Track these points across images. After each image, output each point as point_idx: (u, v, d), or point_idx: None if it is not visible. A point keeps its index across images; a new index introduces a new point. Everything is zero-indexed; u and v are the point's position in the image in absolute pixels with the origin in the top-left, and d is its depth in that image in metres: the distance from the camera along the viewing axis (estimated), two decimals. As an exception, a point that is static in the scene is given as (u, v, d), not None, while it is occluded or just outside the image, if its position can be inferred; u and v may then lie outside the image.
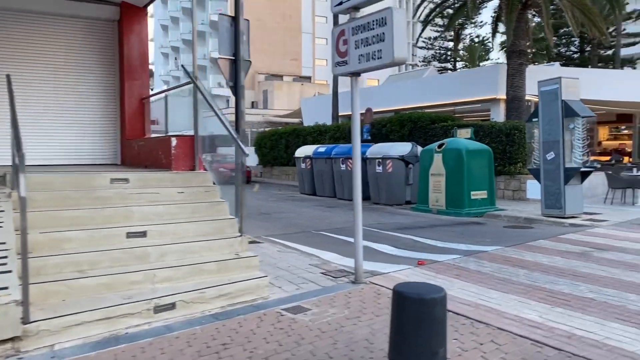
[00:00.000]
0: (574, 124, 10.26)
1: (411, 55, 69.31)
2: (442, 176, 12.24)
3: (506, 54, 16.86)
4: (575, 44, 43.98)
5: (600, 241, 7.88)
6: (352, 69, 5.27)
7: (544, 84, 10.70)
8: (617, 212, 11.28)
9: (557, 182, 10.45)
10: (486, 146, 12.41)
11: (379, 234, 8.98)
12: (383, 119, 18.25)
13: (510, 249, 7.34)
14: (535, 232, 9.16)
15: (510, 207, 12.48)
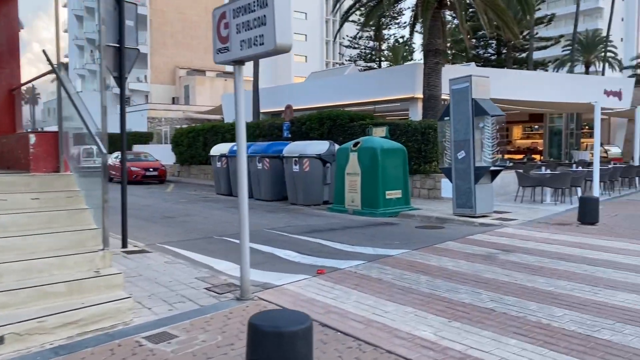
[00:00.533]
0: (483, 123, 10.20)
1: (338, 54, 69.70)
2: (357, 176, 11.89)
3: (423, 53, 16.88)
4: (492, 47, 45.74)
5: (507, 242, 7.76)
6: (234, 56, 4.65)
7: (455, 82, 10.59)
8: (526, 210, 11.41)
9: (467, 181, 10.36)
10: (401, 145, 12.20)
11: (285, 239, 8.42)
12: (302, 117, 17.74)
13: (417, 253, 7.00)
14: (446, 232, 8.96)
15: (425, 206, 12.35)
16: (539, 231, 8.73)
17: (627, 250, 7.04)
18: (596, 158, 13.99)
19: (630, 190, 15.99)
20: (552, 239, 7.93)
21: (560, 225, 9.32)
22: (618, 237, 8.10)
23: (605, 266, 6.12)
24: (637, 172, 16.39)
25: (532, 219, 10.06)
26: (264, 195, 15.12)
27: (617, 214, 10.86)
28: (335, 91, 21.29)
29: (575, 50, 50.61)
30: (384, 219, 10.94)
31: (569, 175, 12.29)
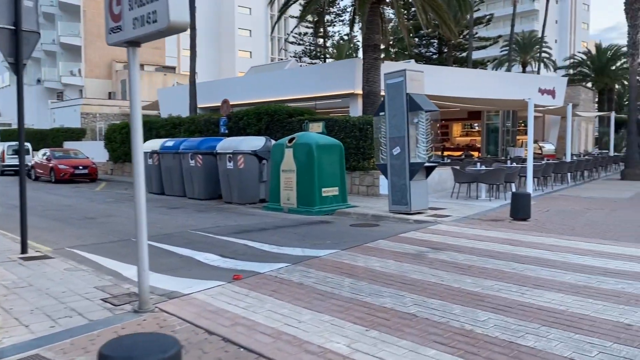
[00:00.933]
0: (418, 119, 10.01)
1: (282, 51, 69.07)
2: (293, 172, 11.46)
3: (362, 49, 16.65)
4: (434, 46, 46.51)
5: (439, 239, 7.55)
6: (126, 36, 4.09)
7: (389, 76, 10.35)
8: (461, 206, 11.35)
9: (403, 177, 10.15)
10: (337, 141, 11.86)
11: (210, 240, 7.87)
12: (240, 112, 17.14)
13: (346, 253, 6.65)
14: (380, 230, 8.68)
15: (362, 203, 12.09)
16: (471, 228, 8.60)
17: (556, 247, 6.97)
18: (530, 154, 14.19)
19: (563, 186, 16.40)
20: (483, 236, 7.80)
21: (493, 222, 9.25)
22: (548, 233, 8.07)
23: (534, 264, 5.97)
24: (568, 168, 16.85)
25: (466, 215, 9.97)
26: (197, 194, 14.44)
27: (549, 209, 10.97)
28: (276, 86, 20.78)
29: (512, 50, 52.35)
30: (320, 217, 10.58)
31: (502, 171, 12.36)
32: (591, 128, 34.22)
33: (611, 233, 8.08)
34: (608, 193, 14.34)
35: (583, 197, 13.20)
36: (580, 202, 12.09)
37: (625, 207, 11.37)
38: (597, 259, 6.18)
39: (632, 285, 5.00)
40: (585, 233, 8.08)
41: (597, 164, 20.30)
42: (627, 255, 6.43)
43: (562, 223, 9.08)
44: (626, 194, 13.97)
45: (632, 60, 18.99)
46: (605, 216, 9.94)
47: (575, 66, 45.42)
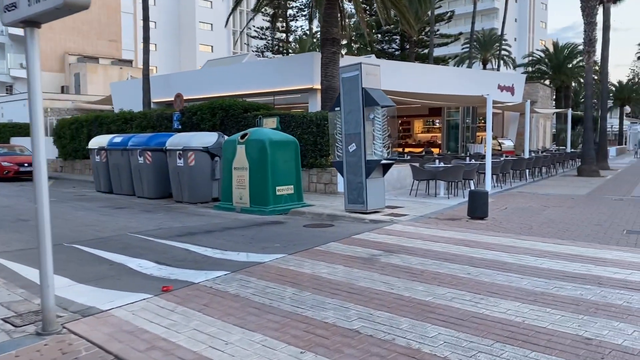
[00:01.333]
0: (374, 114, 9.63)
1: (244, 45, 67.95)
2: (245, 170, 10.92)
3: (320, 42, 16.19)
4: (396, 42, 46.55)
5: (393, 241, 7.17)
6: (22, 14, 3.49)
7: (345, 70, 9.93)
8: (419, 204, 11.06)
9: (359, 175, 9.76)
10: (292, 137, 11.37)
11: (149, 245, 7.27)
12: (193, 107, 16.44)
13: (292, 258, 6.19)
14: (333, 232, 8.26)
15: (319, 202, 11.66)
16: (427, 228, 8.28)
17: (513, 248, 6.70)
18: (488, 151, 14.08)
19: (521, 183, 16.40)
20: (439, 237, 7.47)
21: (450, 221, 8.96)
22: (506, 233, 7.82)
23: (490, 267, 5.65)
24: (527, 164, 16.87)
25: (423, 214, 9.66)
26: (147, 193, 13.71)
27: (507, 206, 10.79)
28: (233, 80, 20.10)
29: (473, 48, 52.97)
30: (273, 218, 10.09)
31: (461, 168, 12.14)
32: (549, 125, 34.84)
33: (569, 232, 7.89)
34: (565, 190, 14.36)
35: (541, 194, 13.14)
36: (538, 199, 11.99)
37: (582, 203, 11.32)
38: (555, 262, 5.92)
39: (590, 291, 4.72)
40: (543, 232, 7.86)
41: (555, 160, 20.49)
42: (585, 257, 6.19)
43: (519, 222, 8.87)
44: (583, 191, 14.00)
45: (588, 57, 19.20)
46: (562, 214, 9.80)
47: (534, 64, 46.27)
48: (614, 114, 61.03)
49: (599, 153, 23.58)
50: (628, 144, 58.45)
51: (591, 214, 9.74)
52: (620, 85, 55.61)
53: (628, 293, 4.66)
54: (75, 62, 42.07)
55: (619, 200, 11.88)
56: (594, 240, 7.27)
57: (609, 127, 63.74)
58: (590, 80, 19.45)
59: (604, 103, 23.98)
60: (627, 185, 15.86)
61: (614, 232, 7.92)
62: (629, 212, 10.09)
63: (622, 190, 14.37)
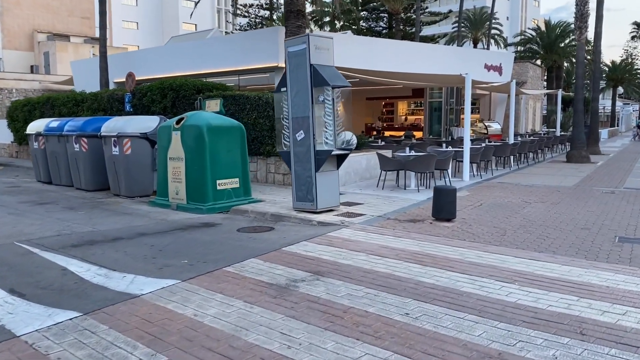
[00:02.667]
0: (324, 96, 8.13)
1: (227, 23, 65.74)
2: (181, 161, 9.43)
3: (284, 15, 14.58)
4: (384, 20, 44.75)
5: (330, 256, 5.75)
6: None
7: (291, 43, 8.39)
8: (382, 200, 9.64)
9: (308, 168, 8.30)
10: (237, 122, 9.85)
11: (24, 259, 5.80)
12: (143, 87, 14.84)
13: (185, 286, 4.75)
14: (267, 239, 6.83)
15: (271, 196, 10.22)
16: (380, 234, 6.86)
17: (476, 267, 5.30)
18: (466, 137, 12.65)
19: (504, 171, 15.02)
20: (389, 248, 6.06)
21: (410, 223, 7.55)
22: (472, 242, 6.42)
23: (439, 301, 4.25)
24: (511, 150, 15.46)
25: (382, 214, 8.24)
26: (84, 185, 12.20)
27: (482, 202, 9.39)
28: (196, 58, 18.43)
29: (464, 26, 51.23)
30: (210, 217, 8.64)
31: (433, 157, 10.70)
32: (539, 106, 33.42)
33: (549, 240, 6.50)
34: (552, 179, 12.98)
35: (523, 185, 11.75)
36: (519, 192, 10.60)
37: (568, 198, 9.94)
38: (527, 290, 4.52)
39: (569, 352, 3.32)
40: (517, 241, 6.47)
41: (543, 145, 19.10)
42: (565, 282, 4.81)
43: (492, 224, 7.47)
44: (571, 181, 12.63)
45: (579, 34, 17.68)
46: (544, 212, 8.42)
47: (525, 43, 44.61)
48: (607, 95, 59.68)
49: (590, 136, 22.22)
50: (620, 125, 57.27)
51: (578, 213, 8.36)
52: (613, 65, 54.15)
53: (621, 354, 3.27)
54: (45, 40, 39.99)
55: (610, 194, 10.52)
56: (579, 252, 5.89)
57: (601, 108, 62.32)
58: (582, 58, 17.97)
59: (596, 83, 22.53)
60: (619, 173, 14.51)
61: (604, 239, 6.55)
62: (621, 209, 8.72)
63: (614, 179, 13.02)
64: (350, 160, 12.23)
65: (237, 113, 12.47)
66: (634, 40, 64.32)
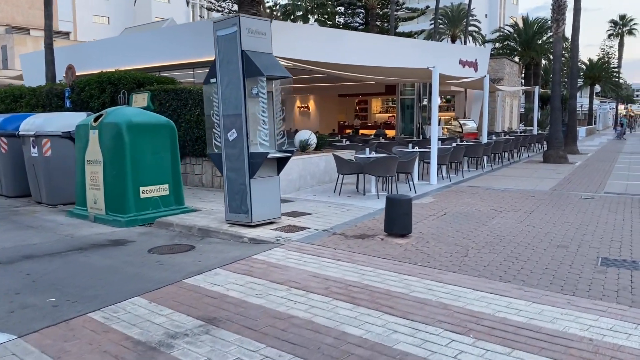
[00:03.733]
0: (258, 88, 6.87)
1: (198, 17, 63.95)
2: (99, 165, 8.10)
3: (237, 2, 13.27)
4: (360, 16, 43.60)
5: (239, 292, 4.50)
6: None
7: (220, 26, 7.11)
8: (334, 209, 8.43)
9: (241, 174, 7.05)
10: (165, 119, 8.52)
11: None
12: (81, 81, 13.40)
13: (14, 348, 3.46)
14: (179, 263, 5.56)
15: (209, 205, 8.94)
16: (317, 256, 5.64)
17: (422, 307, 4.11)
18: (434, 136, 11.52)
19: (477, 172, 13.95)
20: (322, 278, 4.84)
21: (359, 240, 6.35)
22: (426, 267, 5.24)
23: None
24: (484, 150, 14.40)
25: (329, 227, 7.02)
26: (5, 190, 10.79)
27: (446, 211, 8.24)
28: (150, 50, 16.99)
29: (442, 23, 50.44)
30: (126, 232, 7.33)
31: (394, 160, 9.52)
32: (516, 104, 32.60)
33: (518, 263, 5.36)
34: (527, 182, 11.92)
35: (496, 190, 10.66)
36: (490, 198, 9.49)
37: (544, 205, 8.85)
38: (482, 349, 3.35)
39: None
40: (480, 264, 5.30)
41: (519, 144, 18.11)
42: (534, 331, 3.66)
43: (454, 241, 6.30)
44: (547, 184, 11.59)
45: (556, 26, 16.71)
46: (516, 224, 7.30)
47: (503, 39, 43.91)
48: (584, 94, 59.47)
49: (568, 135, 21.36)
50: (598, 123, 57.11)
51: (554, 225, 7.26)
52: (590, 63, 53.85)
53: None
54: (4, 33, 37.96)
55: (589, 200, 9.47)
56: (555, 281, 4.74)
57: (579, 106, 62.21)
58: (559, 52, 17.01)
59: (573, 79, 21.68)
60: (599, 175, 13.54)
61: (584, 261, 5.42)
62: (602, 219, 7.65)
63: (593, 182, 12.02)
64: (306, 162, 11.02)
65: (180, 109, 11.15)
66: (610, 38, 64.36)
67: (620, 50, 61.32)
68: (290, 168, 10.34)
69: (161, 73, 17.82)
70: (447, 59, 21.42)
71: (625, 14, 63.92)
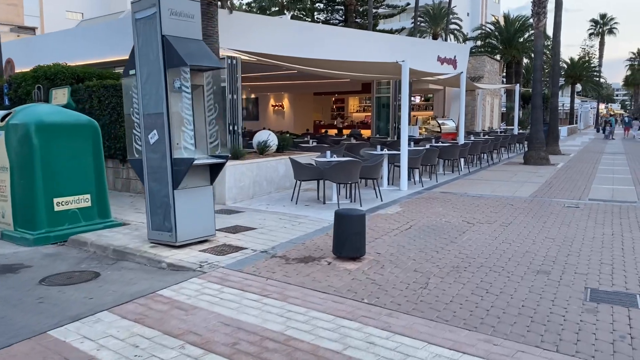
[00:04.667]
0: (180, 81, 5.72)
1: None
2: (6, 172, 6.88)
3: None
4: (339, 13, 42.55)
5: (113, 353, 3.37)
6: None
7: (139, 6, 5.93)
8: (286, 221, 7.32)
9: (164, 184, 5.90)
10: (87, 119, 7.32)
11: None
12: (17, 76, 12.10)
13: None
14: (65, 301, 4.41)
15: (142, 218, 7.74)
16: (242, 290, 4.51)
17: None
18: (403, 138, 10.49)
19: (453, 176, 12.96)
20: (233, 328, 3.72)
21: (300, 264, 5.24)
22: (373, 306, 4.16)
23: None
24: (460, 152, 13.40)
25: (271, 247, 5.90)
26: None
27: (413, 224, 7.18)
28: (105, 43, 15.66)
29: (423, 21, 49.63)
30: (30, 252, 6.15)
31: (356, 164, 8.44)
32: (497, 102, 31.80)
33: (489, 298, 4.30)
34: (505, 187, 10.94)
35: (470, 196, 9.65)
36: (463, 207, 8.47)
37: (522, 215, 7.85)
38: None
39: None
40: (440, 303, 4.23)
41: (498, 145, 17.18)
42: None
43: (414, 265, 5.23)
44: (527, 190, 10.62)
45: (537, 20, 15.79)
46: (489, 241, 6.26)
47: (484, 37, 43.17)
48: (565, 93, 59.17)
49: (550, 135, 20.53)
50: (579, 123, 56.82)
51: (533, 242, 6.23)
52: (572, 62, 53.52)
53: None
54: (-38, 28, 36.07)
55: (573, 208, 8.50)
56: (532, 328, 3.69)
57: (560, 105, 61.97)
58: (541, 47, 16.10)
59: (555, 77, 20.85)
60: (582, 178, 12.63)
61: (569, 295, 4.39)
62: (588, 234, 6.65)
63: (577, 187, 11.09)
64: (262, 166, 9.89)
65: (119, 107, 9.94)
66: (591, 38, 64.17)
67: (601, 50, 61.12)
68: (241, 173, 9.22)
69: (116, 69, 16.55)
70: (425, 56, 20.43)
71: (606, 13, 63.70)
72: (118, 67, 15.48)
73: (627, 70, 78.18)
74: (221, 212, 7.92)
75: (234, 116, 13.64)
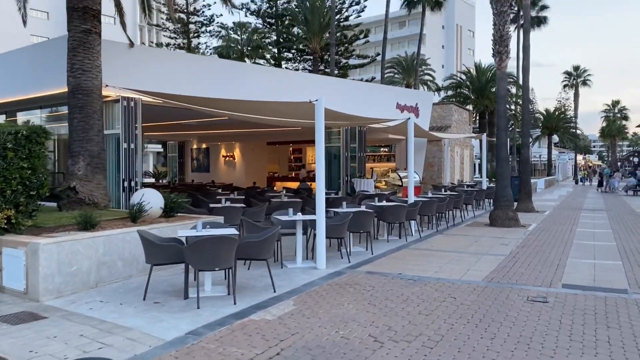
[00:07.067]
0: None
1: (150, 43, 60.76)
2: None
3: (67, 13, 9.73)
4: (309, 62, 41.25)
5: None
6: None
7: None
8: (69, 351, 4.62)
9: None
10: None
11: None
12: None
13: None
14: None
15: None
16: None
17: None
18: (319, 200, 7.99)
19: (398, 243, 10.42)
20: None
21: None
22: None
23: None
24: (409, 213, 10.90)
25: None
26: None
27: (291, 342, 4.53)
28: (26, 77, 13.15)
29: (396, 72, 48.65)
30: None
31: (231, 242, 5.80)
32: (468, 153, 29.78)
33: None
34: (455, 264, 8.39)
35: (405, 280, 7.06)
36: (384, 303, 5.86)
37: (464, 320, 5.27)
38: None
39: None
40: None
41: (460, 202, 14.77)
42: None
43: None
44: (482, 268, 8.08)
45: (499, 60, 13.78)
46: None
47: (455, 87, 41.89)
48: (543, 144, 58.03)
49: (521, 190, 18.28)
50: (557, 174, 55.41)
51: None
52: (547, 113, 52.61)
53: None
54: None
55: (540, 305, 5.93)
56: None
57: (538, 157, 60.71)
58: (504, 91, 14.02)
59: (525, 126, 18.85)
60: (556, 247, 10.16)
61: None
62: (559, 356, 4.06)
63: (548, 261, 8.59)
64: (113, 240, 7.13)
65: None
66: (565, 90, 63.87)
67: (576, 101, 60.66)
68: (73, 253, 6.51)
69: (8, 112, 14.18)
70: (383, 103, 18.38)
71: (579, 65, 63.79)
72: (11, 108, 13.10)
73: (602, 122, 78.23)
74: (5, 319, 5.19)
75: (131, 169, 11.10)
